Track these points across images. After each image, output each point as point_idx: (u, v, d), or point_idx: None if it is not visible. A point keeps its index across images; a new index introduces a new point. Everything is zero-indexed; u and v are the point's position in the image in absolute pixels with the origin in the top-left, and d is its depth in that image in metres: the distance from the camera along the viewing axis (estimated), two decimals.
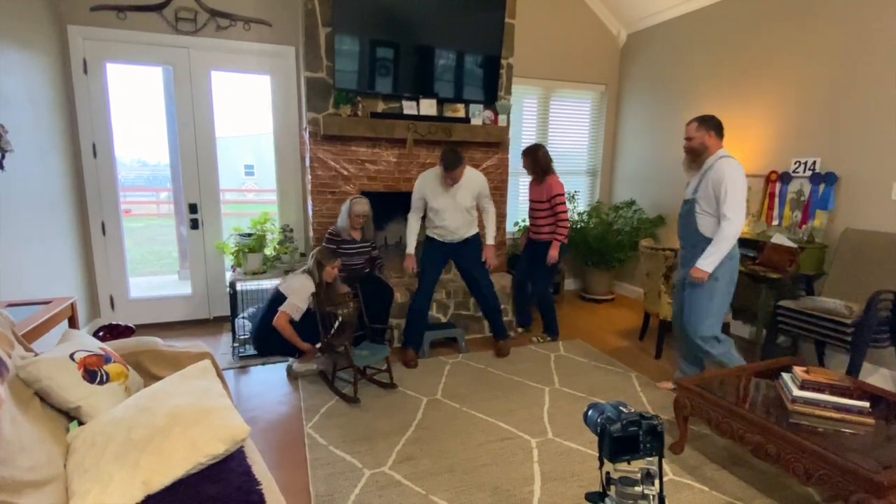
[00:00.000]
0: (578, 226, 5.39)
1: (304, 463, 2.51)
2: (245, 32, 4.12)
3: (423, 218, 3.67)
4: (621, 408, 1.39)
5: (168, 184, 4.46)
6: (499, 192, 4.50)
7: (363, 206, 3.64)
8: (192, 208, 4.28)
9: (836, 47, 3.65)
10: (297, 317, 3.08)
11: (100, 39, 3.82)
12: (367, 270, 3.63)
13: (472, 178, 3.61)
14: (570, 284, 5.87)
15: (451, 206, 3.57)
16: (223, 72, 4.17)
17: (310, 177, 4.03)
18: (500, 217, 4.56)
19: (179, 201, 4.31)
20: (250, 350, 3.73)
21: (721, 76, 4.50)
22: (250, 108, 4.60)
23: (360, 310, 3.42)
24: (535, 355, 3.86)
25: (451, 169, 3.44)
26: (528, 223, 5.34)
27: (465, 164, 3.57)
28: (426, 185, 3.58)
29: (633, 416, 1.35)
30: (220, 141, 4.33)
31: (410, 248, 3.69)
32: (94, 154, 3.94)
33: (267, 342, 3.17)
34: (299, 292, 3.09)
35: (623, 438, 1.33)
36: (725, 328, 3.81)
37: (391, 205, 4.16)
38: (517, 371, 3.57)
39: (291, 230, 4.16)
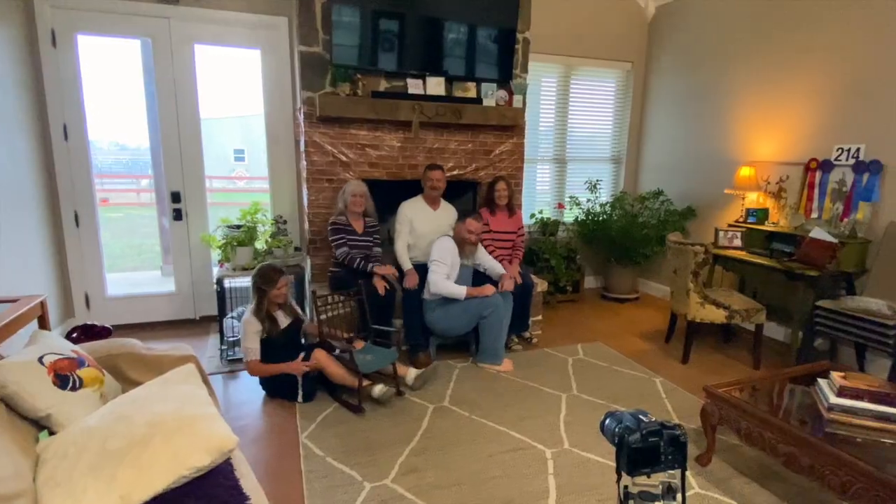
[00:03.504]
0: (601, 218, 5.39)
1: (299, 475, 2.53)
2: (232, 1, 4.11)
3: None
4: (641, 416, 1.40)
5: (149, 170, 4.50)
6: (513, 179, 4.51)
7: (359, 185, 3.74)
8: (175, 197, 4.30)
9: (886, 24, 3.61)
10: (257, 356, 3.11)
11: (70, 8, 3.77)
12: (363, 266, 3.67)
13: (448, 209, 4.04)
14: (590, 282, 5.87)
15: (434, 230, 3.88)
16: (208, 45, 4.16)
17: (305, 163, 4.04)
18: (518, 206, 4.58)
19: (161, 189, 4.35)
20: (239, 353, 3.77)
21: (759, 53, 4.47)
22: (239, 87, 4.64)
23: (361, 310, 3.44)
24: (552, 359, 3.88)
25: (434, 168, 3.84)
26: (543, 215, 5.35)
27: (444, 179, 3.93)
28: (412, 208, 3.89)
29: (653, 426, 1.36)
30: (205, 123, 4.35)
31: (408, 263, 3.82)
32: (66, 136, 3.92)
33: (267, 384, 3.23)
34: (245, 335, 3.12)
35: (642, 450, 1.34)
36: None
37: (395, 194, 4.17)
38: (532, 376, 3.59)
39: (285, 221, 4.18)
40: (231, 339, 3.77)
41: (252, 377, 3.45)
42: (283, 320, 3.24)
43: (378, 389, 3.11)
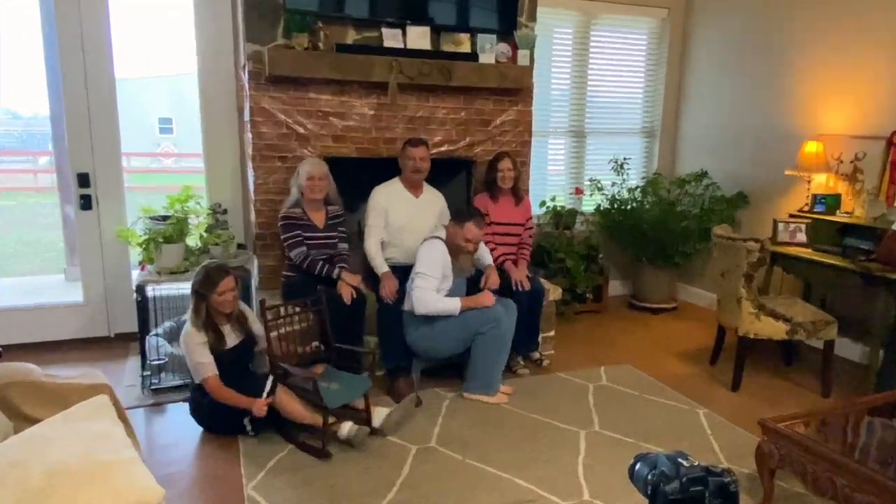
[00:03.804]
0: (629, 206, 5.41)
1: None
2: None
3: None
4: (680, 459, 1.40)
5: (48, 145, 4.46)
6: (518, 157, 4.52)
7: (317, 164, 3.74)
8: (83, 180, 4.27)
9: None
10: (215, 370, 3.10)
11: None
12: (326, 270, 3.66)
13: (434, 195, 4.11)
14: (616, 288, 5.90)
15: (416, 222, 3.93)
16: None
17: (250, 135, 4.03)
18: (525, 191, 4.61)
19: (65, 170, 4.31)
20: (167, 380, 3.74)
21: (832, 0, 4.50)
22: (166, 40, 4.60)
23: (322, 325, 3.43)
24: (568, 386, 3.89)
25: (416, 144, 3.88)
26: (557, 203, 5.37)
27: (428, 157, 3.94)
28: (388, 195, 3.93)
29: (696, 472, 1.36)
30: (122, 85, 4.32)
31: (384, 265, 3.82)
32: None
33: (204, 415, 3.23)
34: (191, 351, 3.10)
35: (682, 501, 1.35)
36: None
37: (366, 176, 4.17)
38: (542, 408, 3.60)
39: (225, 211, 4.17)
40: (156, 362, 3.75)
41: (175, 414, 3.43)
42: (232, 337, 3.23)
43: (347, 428, 3.10)
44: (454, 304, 3.56)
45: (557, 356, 4.37)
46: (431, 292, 3.54)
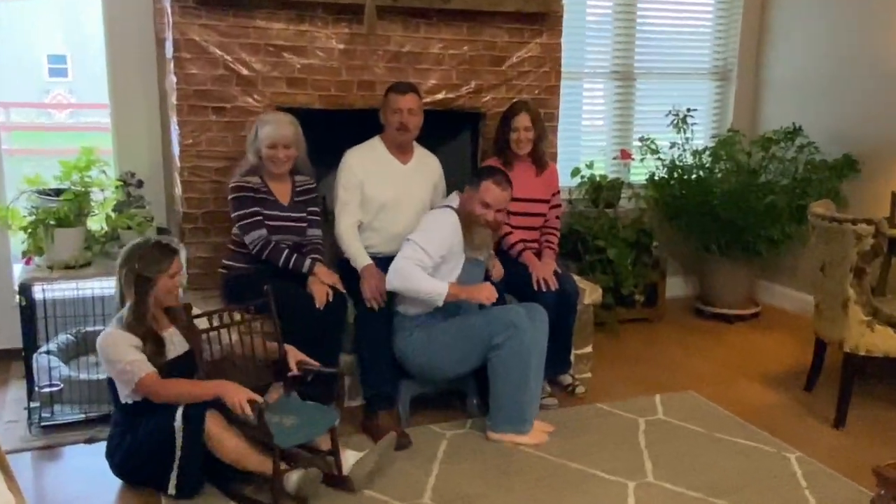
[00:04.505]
0: (694, 175, 5.41)
1: None
2: None
3: None
4: None
5: None
6: (543, 109, 4.50)
7: (283, 122, 3.69)
8: None
9: None
10: (150, 367, 3.07)
11: None
12: (295, 261, 3.65)
13: (427, 161, 4.15)
14: (675, 288, 5.91)
15: (403, 198, 3.95)
16: None
17: (174, 78, 4.00)
18: (551, 156, 4.59)
19: None
20: (63, 414, 3.72)
21: None
22: None
23: (275, 336, 3.41)
24: (610, 422, 3.89)
25: (403, 91, 3.86)
26: (594, 172, 5.37)
27: (420, 109, 3.92)
28: (365, 161, 3.95)
29: None
30: None
31: (364, 256, 3.82)
32: None
33: (131, 461, 3.16)
34: (116, 349, 3.04)
35: None
36: None
37: (335, 134, 4.15)
38: (576, 451, 3.58)
39: (140, 183, 4.15)
40: (48, 389, 3.73)
41: (73, 459, 3.44)
42: (176, 344, 3.21)
43: (296, 479, 3.09)
44: (439, 288, 3.53)
45: (596, 381, 4.37)
46: (417, 267, 3.54)
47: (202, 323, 3.25)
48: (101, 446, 3.36)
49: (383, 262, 3.78)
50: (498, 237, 3.87)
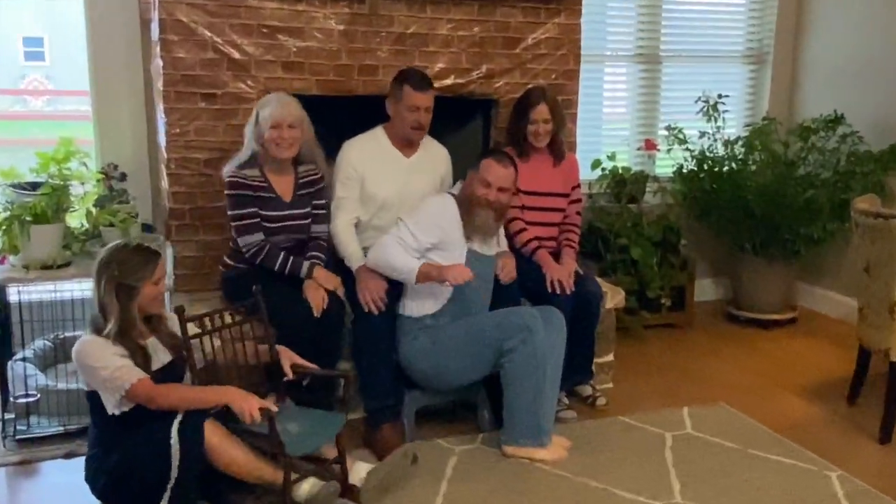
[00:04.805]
0: (726, 168, 5.41)
1: None
2: None
3: None
4: None
5: None
6: (561, 95, 4.51)
7: (287, 105, 3.67)
8: None
9: None
10: (140, 374, 3.07)
11: None
12: (291, 265, 3.68)
13: (434, 153, 4.14)
14: (705, 290, 5.91)
15: (407, 195, 3.93)
16: None
17: (161, 62, 4.01)
18: (570, 146, 4.60)
19: None
20: (40, 427, 3.73)
21: None
22: None
23: (267, 339, 3.43)
24: (634, 437, 3.89)
25: (423, 88, 3.84)
26: (617, 164, 5.37)
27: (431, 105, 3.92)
28: (364, 155, 3.95)
29: None
30: None
31: (361, 258, 3.82)
32: None
33: (115, 485, 3.11)
34: (98, 357, 3.02)
35: None
36: None
37: (334, 122, 4.16)
38: (596, 468, 3.58)
39: (124, 176, 4.15)
40: (23, 399, 3.75)
41: (51, 475, 3.45)
42: (159, 353, 3.20)
43: (309, 487, 3.10)
44: (411, 264, 3.55)
45: (618, 391, 4.38)
46: (397, 245, 3.57)
47: (191, 328, 3.24)
48: (81, 461, 3.36)
49: None
50: (501, 223, 3.86)
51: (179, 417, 2.99)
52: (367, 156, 3.94)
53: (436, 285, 3.62)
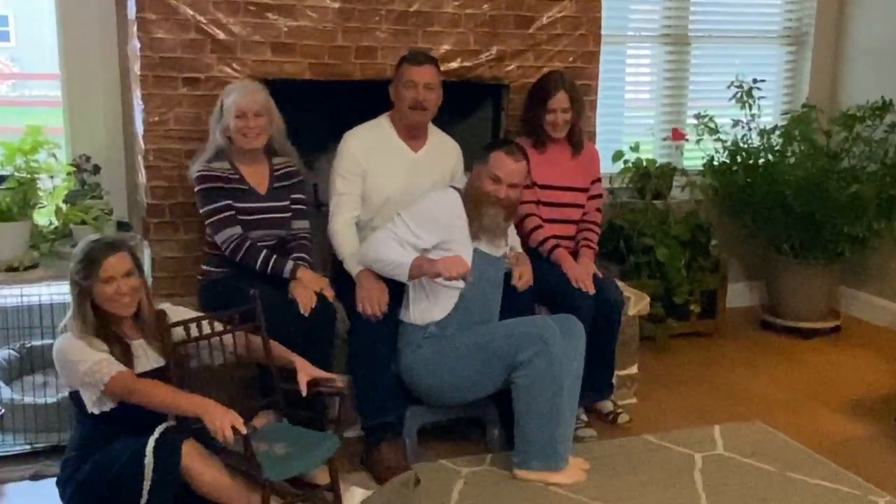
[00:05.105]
0: (761, 160, 5.40)
1: None
2: None
3: None
4: None
5: None
6: (580, 80, 4.50)
7: (251, 92, 3.70)
8: None
9: None
10: (119, 366, 3.08)
11: None
12: (273, 264, 3.67)
13: (444, 147, 4.17)
14: (739, 295, 5.91)
15: (413, 193, 3.89)
16: None
17: (138, 44, 4.01)
18: (589, 136, 4.59)
19: None
20: (5, 445, 3.73)
21: None
22: None
23: (265, 350, 3.42)
24: (660, 457, 3.88)
25: (419, 62, 3.85)
26: (640, 155, 5.36)
27: (439, 84, 3.91)
28: (367, 147, 3.95)
29: None
30: None
31: (356, 262, 3.81)
32: None
33: (92, 490, 3.11)
34: (74, 351, 3.03)
35: None
36: None
37: (330, 110, 4.15)
38: (618, 493, 3.58)
39: (97, 168, 4.17)
40: None
41: (22, 498, 3.45)
42: (144, 357, 3.21)
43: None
44: (402, 258, 3.55)
45: (642, 408, 4.38)
46: (391, 239, 3.58)
47: (177, 334, 3.24)
48: (50, 483, 3.37)
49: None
50: (511, 222, 3.84)
51: (156, 435, 3.00)
52: (370, 148, 3.93)
53: (439, 289, 3.61)
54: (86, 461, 3.09)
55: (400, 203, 3.87)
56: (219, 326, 3.35)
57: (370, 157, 3.91)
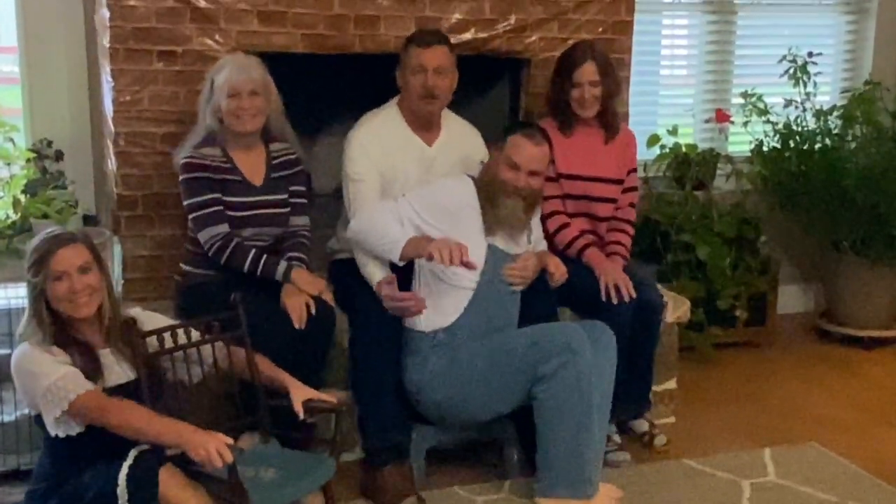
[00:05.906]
0: (817, 145, 5.40)
1: None
2: None
3: None
4: None
5: None
6: (612, 54, 4.47)
7: (245, 68, 3.68)
8: None
9: None
10: (87, 384, 3.08)
11: None
12: (263, 266, 3.67)
13: (463, 137, 4.17)
14: (791, 300, 5.92)
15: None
16: None
17: (107, 13, 4.01)
18: (621, 117, 4.58)
19: None
20: None
21: None
22: None
23: (249, 364, 3.43)
24: (703, 484, 3.88)
25: (427, 43, 3.83)
26: (679, 140, 5.36)
27: (452, 66, 3.91)
28: (379, 142, 3.93)
29: None
30: None
31: (378, 268, 3.75)
32: None
33: None
34: (34, 363, 3.04)
35: None
36: None
37: (328, 91, 4.16)
38: None
39: (60, 154, 4.19)
40: None
41: None
42: (117, 368, 3.21)
43: None
44: (397, 235, 3.56)
45: (682, 427, 4.39)
46: (390, 214, 3.61)
47: (150, 344, 3.23)
48: None
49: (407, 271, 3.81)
50: (532, 215, 3.82)
51: (130, 461, 2.97)
52: (382, 146, 3.92)
53: (446, 289, 3.63)
54: (53, 495, 3.07)
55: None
56: (197, 336, 3.34)
57: (382, 158, 3.89)
